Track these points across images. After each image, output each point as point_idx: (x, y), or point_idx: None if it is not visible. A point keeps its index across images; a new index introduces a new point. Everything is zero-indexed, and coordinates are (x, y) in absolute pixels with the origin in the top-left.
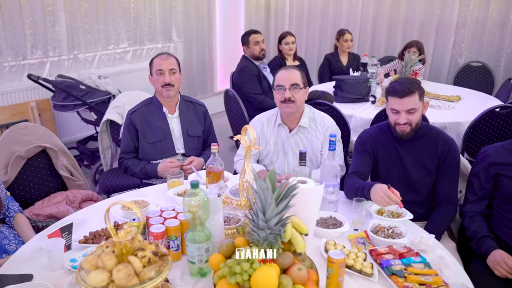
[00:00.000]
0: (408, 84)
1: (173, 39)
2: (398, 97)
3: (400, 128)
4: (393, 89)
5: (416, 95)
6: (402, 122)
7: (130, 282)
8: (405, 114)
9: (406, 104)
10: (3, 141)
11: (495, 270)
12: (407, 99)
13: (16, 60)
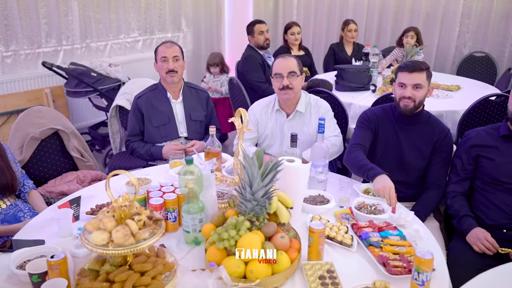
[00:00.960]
0: (419, 63)
1: (183, 28)
2: (408, 71)
3: (404, 103)
4: (404, 65)
5: (424, 73)
6: (407, 95)
7: (127, 242)
8: (411, 89)
9: (414, 78)
10: (19, 124)
11: (475, 246)
12: (416, 74)
13: (31, 49)
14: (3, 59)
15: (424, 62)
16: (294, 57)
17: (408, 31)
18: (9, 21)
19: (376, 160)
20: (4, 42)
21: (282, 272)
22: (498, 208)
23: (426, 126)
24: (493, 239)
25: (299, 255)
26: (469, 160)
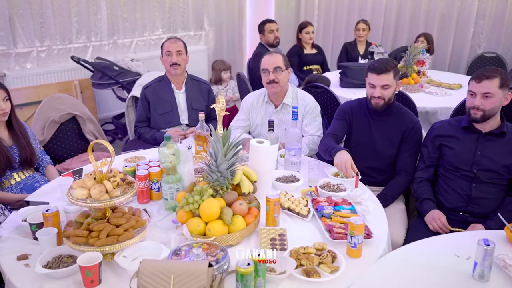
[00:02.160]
0: (385, 63)
1: (205, 27)
2: (376, 73)
3: (374, 101)
4: (372, 66)
5: (391, 73)
6: (376, 96)
7: (102, 197)
8: (379, 89)
9: (381, 80)
10: (42, 108)
11: (430, 225)
12: (383, 76)
13: (63, 44)
14: (38, 54)
15: (392, 60)
16: (280, 54)
17: (419, 36)
18: (44, 19)
19: (351, 148)
20: (40, 38)
21: (237, 232)
22: (455, 192)
23: (396, 118)
24: (445, 221)
25: (256, 220)
26: (433, 149)
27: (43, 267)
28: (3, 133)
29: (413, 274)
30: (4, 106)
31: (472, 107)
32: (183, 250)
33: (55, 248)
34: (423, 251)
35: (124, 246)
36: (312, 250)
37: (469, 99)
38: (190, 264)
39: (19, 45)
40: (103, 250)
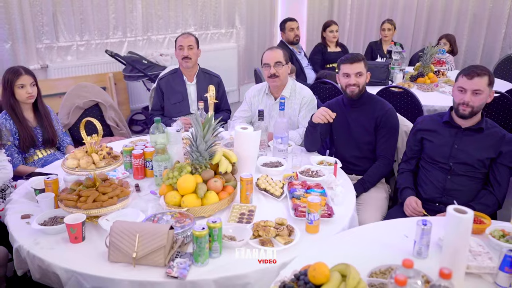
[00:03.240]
0: (356, 55)
1: (236, 25)
2: (349, 63)
3: (350, 89)
4: (345, 58)
5: (362, 63)
6: (352, 83)
7: (89, 167)
8: (354, 77)
9: (355, 68)
10: (68, 95)
11: (405, 210)
12: (356, 64)
13: (101, 39)
14: (77, 47)
15: (360, 54)
16: (281, 49)
17: (441, 38)
18: (84, 16)
19: (335, 141)
20: (79, 33)
21: (209, 206)
22: (432, 183)
23: (368, 107)
24: (420, 206)
25: (230, 197)
26: (415, 142)
27: (40, 224)
28: (29, 115)
29: (360, 250)
30: (31, 90)
31: (461, 103)
32: (157, 217)
33: (52, 210)
34: (378, 231)
35: (107, 211)
36: (271, 224)
37: (458, 95)
38: (154, 226)
39: (61, 39)
40: (89, 213)
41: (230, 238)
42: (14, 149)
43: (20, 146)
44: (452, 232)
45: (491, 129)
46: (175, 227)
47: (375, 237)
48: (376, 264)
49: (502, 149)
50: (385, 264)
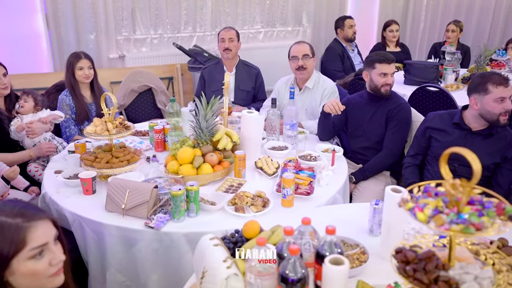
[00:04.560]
0: (389, 55)
1: (303, 23)
2: (387, 63)
3: (385, 88)
4: (383, 57)
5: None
6: (389, 83)
7: (104, 133)
8: (390, 77)
9: (392, 68)
10: (126, 80)
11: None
12: (393, 65)
13: (172, 33)
14: (151, 40)
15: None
16: (307, 43)
17: (509, 42)
18: (158, 12)
19: (349, 134)
20: (154, 27)
21: (203, 175)
22: (433, 179)
23: (384, 100)
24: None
25: (225, 171)
26: (423, 138)
27: (64, 178)
28: (86, 93)
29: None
30: (88, 72)
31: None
32: (154, 179)
33: (77, 167)
34: (346, 210)
35: (116, 171)
36: (249, 195)
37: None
38: (142, 184)
39: (138, 32)
40: (101, 172)
41: (211, 203)
42: (72, 122)
43: (76, 119)
44: (388, 209)
45: (500, 133)
46: (164, 189)
47: (341, 215)
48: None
49: (508, 154)
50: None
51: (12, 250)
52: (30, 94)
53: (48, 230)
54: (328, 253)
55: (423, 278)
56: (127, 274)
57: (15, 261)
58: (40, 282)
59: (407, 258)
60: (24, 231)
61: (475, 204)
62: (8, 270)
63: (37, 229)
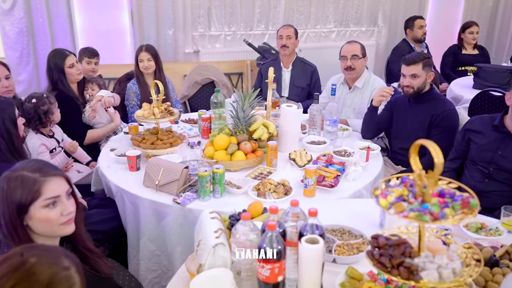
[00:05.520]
0: (415, 56)
1: (378, 23)
2: (406, 64)
3: (405, 89)
4: (404, 58)
5: (420, 64)
6: (405, 84)
7: (150, 116)
8: (408, 78)
9: (410, 70)
10: (191, 72)
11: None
12: (412, 66)
13: (245, 30)
14: (225, 36)
15: (423, 53)
16: (359, 43)
17: None
18: (233, 10)
19: (392, 133)
20: (228, 24)
21: (235, 162)
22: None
23: (428, 104)
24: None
25: (258, 159)
26: (462, 141)
27: (116, 155)
28: (150, 82)
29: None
30: (147, 64)
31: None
32: (190, 162)
33: (129, 147)
34: (364, 205)
35: (159, 152)
36: (273, 182)
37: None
38: (175, 164)
39: (212, 29)
40: (145, 152)
41: (237, 187)
42: (137, 108)
43: (140, 106)
44: None
45: None
46: (196, 170)
47: (358, 208)
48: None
49: None
50: (339, 225)
51: (29, 198)
52: (94, 82)
53: (60, 185)
54: (309, 234)
55: (386, 262)
56: (157, 244)
57: (32, 208)
58: (52, 229)
59: (378, 244)
60: (40, 183)
61: (446, 197)
62: (27, 215)
63: (51, 183)
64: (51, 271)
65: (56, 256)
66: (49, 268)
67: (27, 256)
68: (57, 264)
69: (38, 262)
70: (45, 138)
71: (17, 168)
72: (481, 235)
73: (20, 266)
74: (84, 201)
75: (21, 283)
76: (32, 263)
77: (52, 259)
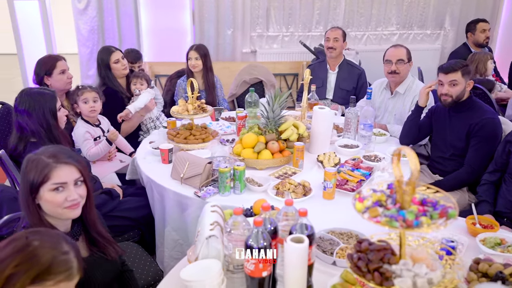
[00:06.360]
0: (453, 64)
1: (445, 27)
2: (443, 73)
3: (443, 98)
4: (441, 67)
5: (458, 72)
6: (443, 92)
7: (184, 112)
8: (447, 86)
9: (448, 77)
10: (241, 71)
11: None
12: (451, 74)
13: (303, 32)
14: (283, 37)
15: (460, 62)
16: (404, 47)
17: None
18: (292, 11)
19: (431, 140)
20: (285, 25)
21: (262, 160)
22: (505, 198)
23: (467, 114)
24: None
25: (285, 159)
26: (502, 153)
27: (152, 148)
28: (200, 80)
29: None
30: (194, 62)
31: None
32: (217, 158)
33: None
34: None
35: (190, 147)
36: (294, 182)
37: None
38: (200, 159)
39: (270, 29)
40: (178, 146)
41: (258, 185)
42: None
43: None
44: None
45: None
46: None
47: None
48: (344, 228)
49: None
50: (347, 229)
51: (40, 180)
52: (142, 77)
53: (69, 174)
54: (298, 233)
55: (362, 266)
56: (180, 233)
57: (41, 189)
58: (57, 211)
59: (360, 248)
60: (50, 168)
61: (428, 205)
62: (38, 195)
63: (61, 170)
64: (52, 254)
65: (57, 241)
66: (50, 252)
67: (31, 240)
68: (57, 249)
69: (40, 245)
70: (91, 127)
71: (39, 152)
72: (497, 251)
73: (24, 248)
74: (120, 189)
75: (23, 263)
76: (35, 246)
77: (53, 243)
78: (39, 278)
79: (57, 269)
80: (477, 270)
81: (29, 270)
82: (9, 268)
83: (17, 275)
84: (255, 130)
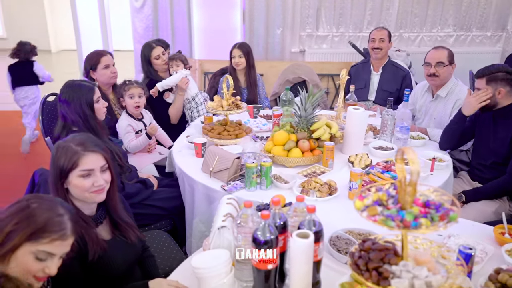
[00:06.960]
0: (482, 70)
1: (507, 28)
2: (479, 78)
3: None
4: (478, 71)
5: (483, 79)
6: None
7: (219, 108)
8: None
9: (476, 84)
10: (284, 70)
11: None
12: (478, 80)
13: (354, 32)
14: (332, 38)
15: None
16: (447, 49)
17: None
18: (343, 11)
19: (473, 146)
20: (336, 25)
21: (291, 158)
22: None
23: (509, 118)
24: None
25: (315, 158)
26: None
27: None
28: (242, 78)
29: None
30: (238, 60)
31: None
32: (246, 153)
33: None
34: None
35: (223, 142)
36: (319, 181)
37: None
38: (229, 154)
39: (320, 29)
40: (212, 140)
41: (285, 182)
42: None
43: None
44: None
45: None
46: (248, 161)
47: None
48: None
49: None
50: (366, 229)
51: (69, 167)
52: (177, 59)
53: (96, 161)
54: (306, 229)
55: (361, 264)
56: (206, 225)
57: (70, 175)
58: (84, 195)
59: (363, 247)
60: (79, 156)
61: (430, 207)
62: (67, 180)
63: (88, 157)
64: (47, 215)
65: (53, 204)
66: (46, 213)
67: (31, 202)
68: (53, 211)
69: (38, 207)
70: (133, 120)
71: (68, 139)
72: None
73: (24, 209)
74: (155, 179)
75: (22, 222)
76: (33, 208)
77: (50, 206)
78: (35, 235)
79: (51, 228)
80: (496, 280)
81: (26, 228)
82: (10, 225)
83: (16, 231)
84: (287, 128)
